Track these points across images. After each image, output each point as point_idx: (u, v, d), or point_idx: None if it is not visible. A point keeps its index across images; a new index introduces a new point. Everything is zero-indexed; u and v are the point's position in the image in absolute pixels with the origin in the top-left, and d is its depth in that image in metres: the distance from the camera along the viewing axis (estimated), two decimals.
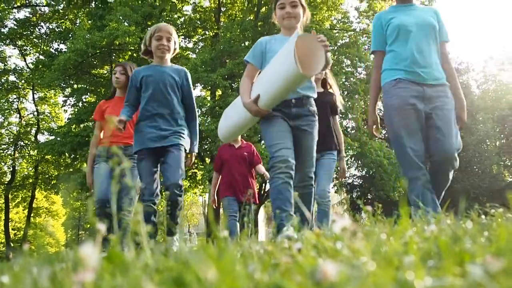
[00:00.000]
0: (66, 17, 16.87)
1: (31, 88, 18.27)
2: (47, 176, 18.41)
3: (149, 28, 3.16)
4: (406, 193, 1.24)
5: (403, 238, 0.78)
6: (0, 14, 15.31)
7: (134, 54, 13.57)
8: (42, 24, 17.34)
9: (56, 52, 15.94)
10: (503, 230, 0.65)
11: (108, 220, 3.14)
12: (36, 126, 18.77)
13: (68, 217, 27.52)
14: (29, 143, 18.85)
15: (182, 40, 15.86)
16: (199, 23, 16.08)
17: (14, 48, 18.05)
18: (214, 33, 15.80)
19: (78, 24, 15.73)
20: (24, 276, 0.68)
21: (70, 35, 15.25)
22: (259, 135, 11.74)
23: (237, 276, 0.49)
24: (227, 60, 13.10)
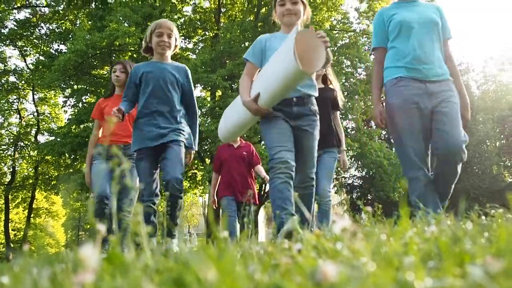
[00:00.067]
0: (66, 17, 16.88)
1: (31, 88, 18.28)
2: (47, 176, 18.41)
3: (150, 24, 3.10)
4: (406, 193, 1.24)
5: (403, 239, 0.78)
6: (0, 15, 15.31)
7: (134, 55, 13.58)
8: (42, 24, 17.36)
9: (56, 53, 15.96)
10: (503, 230, 0.65)
11: (107, 219, 3.12)
12: (36, 127, 18.78)
13: (68, 217, 27.54)
14: (29, 143, 18.86)
15: (182, 41, 15.86)
16: (199, 23, 16.09)
17: (14, 48, 18.09)
18: (214, 33, 15.81)
19: (78, 25, 15.74)
20: (24, 277, 0.68)
21: (70, 36, 15.27)
22: (259, 135, 11.73)
23: (237, 276, 0.49)
24: (227, 61, 13.10)
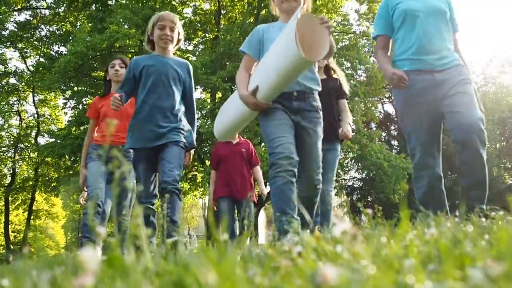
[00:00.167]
0: (67, 19, 16.89)
1: (32, 90, 18.27)
2: (47, 178, 18.37)
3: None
4: (406, 195, 1.23)
5: (403, 241, 0.78)
6: (0, 17, 15.32)
7: (135, 57, 13.56)
8: (43, 26, 17.35)
9: (56, 55, 15.94)
10: (503, 233, 0.65)
11: (102, 222, 3.05)
12: (36, 129, 18.76)
13: (68, 219, 27.48)
14: (29, 145, 18.84)
15: (182, 43, 15.85)
16: (199, 25, 16.11)
17: (15, 50, 18.06)
18: (214, 35, 15.83)
19: (78, 27, 15.73)
20: (24, 279, 0.68)
21: (70, 38, 15.25)
22: (259, 137, 11.73)
23: (237, 279, 0.49)
24: (227, 63, 13.11)
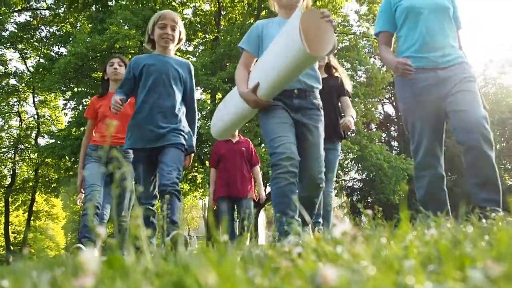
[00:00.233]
0: (67, 20, 16.90)
1: (32, 91, 18.27)
2: (47, 179, 18.37)
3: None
4: (406, 196, 1.23)
5: (403, 242, 0.78)
6: (0, 18, 15.32)
7: (135, 56, 13.54)
8: (43, 27, 17.36)
9: (56, 56, 15.94)
10: (503, 234, 0.65)
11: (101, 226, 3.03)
12: (36, 130, 18.76)
13: (68, 220, 27.46)
14: (29, 146, 18.85)
15: (182, 44, 15.86)
16: (199, 26, 16.11)
17: (15, 51, 18.06)
18: (214, 36, 15.83)
19: (78, 28, 15.73)
20: (24, 280, 0.68)
21: (70, 39, 15.25)
22: (259, 138, 11.72)
23: (237, 280, 0.49)
24: (227, 64, 13.11)
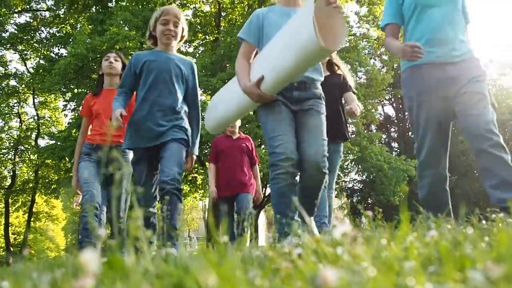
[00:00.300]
0: (67, 21, 16.90)
1: (32, 92, 18.27)
2: (47, 180, 18.36)
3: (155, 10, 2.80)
4: (406, 197, 1.22)
5: (403, 243, 0.78)
6: (1, 19, 15.34)
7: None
8: (43, 28, 17.38)
9: (56, 57, 15.94)
10: (503, 235, 0.65)
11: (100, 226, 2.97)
12: (37, 131, 18.76)
13: (68, 221, 27.46)
14: (29, 147, 18.83)
15: (182, 45, 15.86)
16: (200, 27, 16.12)
17: (15, 52, 18.07)
18: (214, 37, 15.84)
19: (78, 29, 15.74)
20: (24, 281, 0.68)
21: (70, 40, 15.25)
22: (259, 139, 11.71)
23: (237, 282, 0.49)
24: (228, 65, 13.11)
